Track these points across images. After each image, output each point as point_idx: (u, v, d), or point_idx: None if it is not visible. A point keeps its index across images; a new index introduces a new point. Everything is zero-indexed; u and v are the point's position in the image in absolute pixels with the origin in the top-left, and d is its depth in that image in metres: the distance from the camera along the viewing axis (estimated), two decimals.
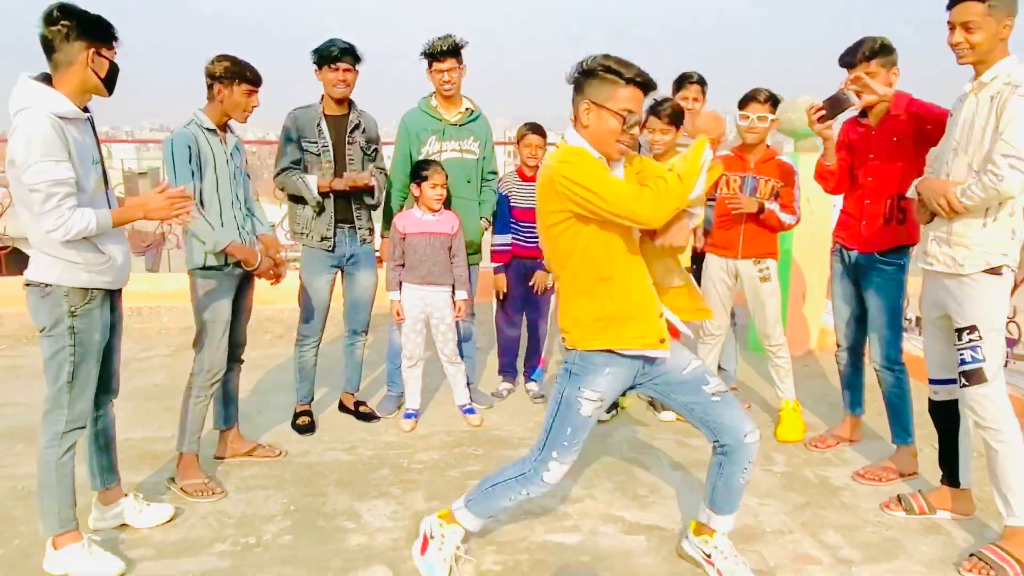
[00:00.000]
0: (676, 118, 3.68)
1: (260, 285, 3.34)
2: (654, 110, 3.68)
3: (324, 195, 3.63)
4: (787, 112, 4.39)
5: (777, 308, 3.85)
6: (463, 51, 3.78)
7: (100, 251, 2.47)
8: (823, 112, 3.18)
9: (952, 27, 2.66)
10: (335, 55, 3.53)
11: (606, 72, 2.27)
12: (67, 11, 2.37)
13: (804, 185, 5.04)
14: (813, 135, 3.68)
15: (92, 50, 2.40)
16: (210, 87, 3.09)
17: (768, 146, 3.80)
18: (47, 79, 2.41)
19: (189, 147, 3.00)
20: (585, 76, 2.30)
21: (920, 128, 3.06)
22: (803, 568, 2.65)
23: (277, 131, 3.79)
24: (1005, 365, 3.17)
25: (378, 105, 4.03)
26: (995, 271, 2.65)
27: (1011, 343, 4.16)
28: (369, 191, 3.68)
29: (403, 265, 3.79)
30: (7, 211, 6.05)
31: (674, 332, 2.52)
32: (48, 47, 2.38)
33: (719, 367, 4.15)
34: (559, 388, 2.44)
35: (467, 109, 3.92)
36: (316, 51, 3.58)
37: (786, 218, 3.68)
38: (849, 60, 3.18)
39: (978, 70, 2.66)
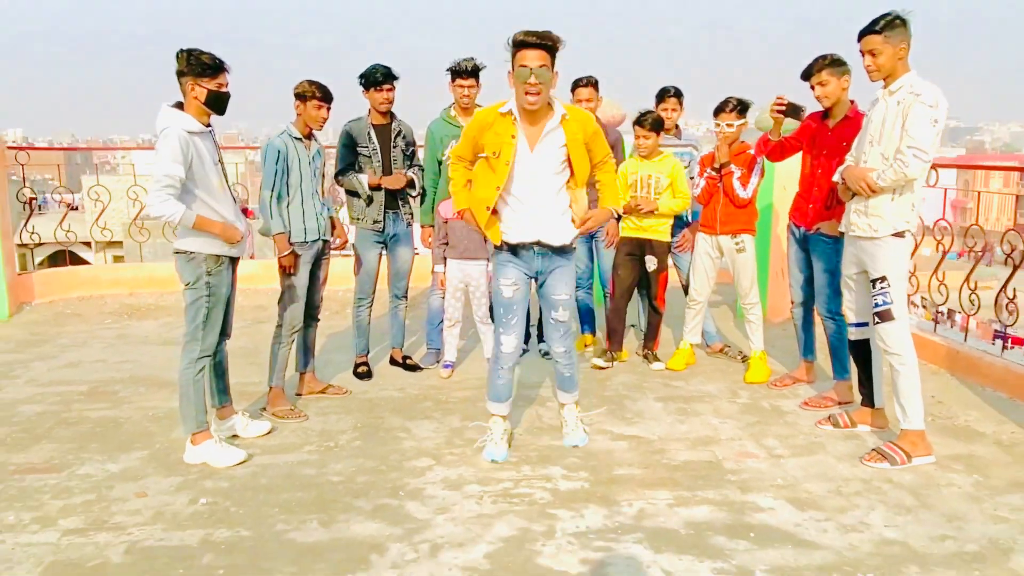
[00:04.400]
0: (656, 126, 4.59)
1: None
2: (639, 120, 4.59)
3: (374, 189, 4.57)
4: (762, 113, 5.23)
5: (752, 274, 4.70)
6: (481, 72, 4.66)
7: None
8: (783, 108, 4.07)
9: (863, 54, 3.49)
10: (380, 80, 4.44)
11: (509, 44, 3.18)
12: (179, 54, 3.31)
13: (782, 177, 5.89)
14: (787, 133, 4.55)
15: (192, 82, 3.31)
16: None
17: (743, 141, 4.66)
18: (180, 105, 3.37)
19: (279, 152, 3.94)
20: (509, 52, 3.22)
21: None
22: (743, 460, 3.52)
23: None
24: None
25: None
26: (899, 235, 3.48)
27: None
28: (411, 185, 4.62)
29: (447, 244, 4.70)
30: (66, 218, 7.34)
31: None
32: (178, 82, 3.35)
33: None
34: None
35: None
36: (363, 76, 4.47)
37: (740, 190, 4.55)
38: (807, 72, 4.02)
39: (887, 82, 3.49)
